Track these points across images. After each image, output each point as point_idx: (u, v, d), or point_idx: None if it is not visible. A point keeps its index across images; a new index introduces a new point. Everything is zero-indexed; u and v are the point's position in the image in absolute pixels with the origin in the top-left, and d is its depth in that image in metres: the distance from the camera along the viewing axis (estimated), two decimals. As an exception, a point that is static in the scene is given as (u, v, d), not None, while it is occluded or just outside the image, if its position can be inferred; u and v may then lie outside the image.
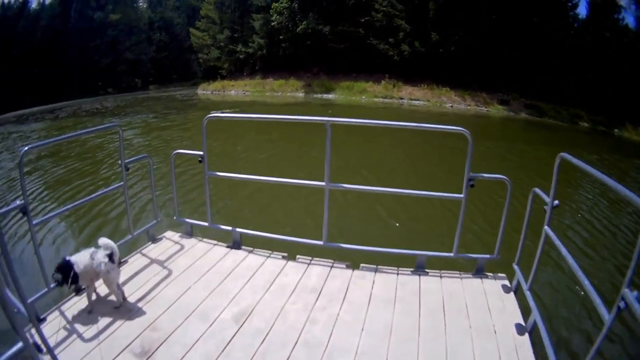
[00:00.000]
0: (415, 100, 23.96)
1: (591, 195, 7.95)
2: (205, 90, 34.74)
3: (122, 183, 3.32)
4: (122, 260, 3.22)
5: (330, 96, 26.25)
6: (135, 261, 3.37)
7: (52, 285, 2.71)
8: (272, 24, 31.32)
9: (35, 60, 61.60)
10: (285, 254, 3.59)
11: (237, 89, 31.14)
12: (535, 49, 23.64)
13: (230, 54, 36.12)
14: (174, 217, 3.85)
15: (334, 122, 3.06)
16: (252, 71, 33.32)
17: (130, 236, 3.54)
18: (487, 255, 3.29)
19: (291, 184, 3.44)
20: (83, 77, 58.28)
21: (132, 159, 3.39)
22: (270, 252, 3.53)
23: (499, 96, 23.66)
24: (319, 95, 26.40)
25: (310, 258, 3.46)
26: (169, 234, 3.82)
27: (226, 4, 40.71)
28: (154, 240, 3.69)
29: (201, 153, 3.37)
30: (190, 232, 3.82)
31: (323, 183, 3.25)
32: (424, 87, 24.54)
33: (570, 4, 27.03)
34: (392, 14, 26.55)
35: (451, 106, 23.02)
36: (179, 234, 3.76)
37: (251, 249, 3.57)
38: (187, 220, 3.82)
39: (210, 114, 3.27)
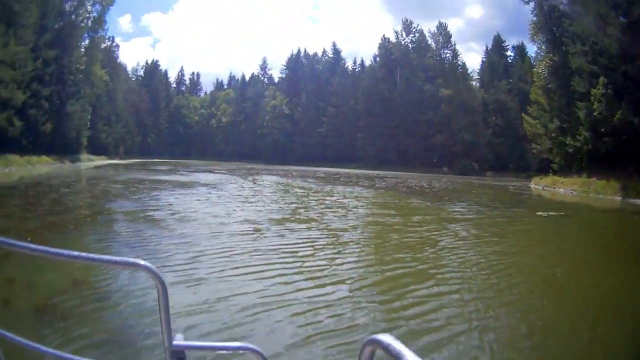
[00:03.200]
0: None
1: None
2: (538, 185, 37.90)
3: None
4: None
5: (640, 202, 23.30)
6: None
7: None
8: (594, 114, 31.66)
9: (350, 121, 73.56)
10: None
11: (566, 187, 33.11)
12: None
13: (561, 146, 38.12)
14: None
15: None
16: (579, 168, 34.46)
17: None
18: None
19: None
20: (416, 151, 67.50)
21: (205, 346, 1.69)
22: None
23: None
24: (634, 201, 24.82)
25: None
26: None
27: (553, 89, 43.19)
28: None
29: None
30: None
31: None
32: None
33: None
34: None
35: None
36: None
37: None
38: None
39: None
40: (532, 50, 65.83)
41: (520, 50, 71.09)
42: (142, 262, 1.29)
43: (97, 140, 61.73)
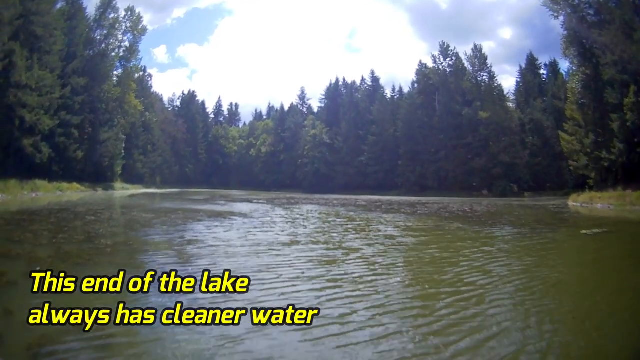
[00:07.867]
0: None
1: None
2: (575, 202, 36.74)
3: None
4: None
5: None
6: None
7: None
8: (627, 124, 31.61)
9: (391, 149, 73.89)
10: None
11: (603, 202, 32.27)
12: None
13: (596, 161, 37.84)
14: None
15: None
16: (614, 181, 34.23)
17: None
18: None
19: None
20: (455, 175, 66.80)
21: None
22: None
23: None
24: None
25: None
26: None
27: (586, 103, 42.52)
28: None
29: None
30: None
31: None
32: None
33: None
34: None
35: None
36: None
37: None
38: None
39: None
40: (564, 66, 65.57)
41: (553, 67, 70.99)
42: None
43: (133, 169, 63.54)
